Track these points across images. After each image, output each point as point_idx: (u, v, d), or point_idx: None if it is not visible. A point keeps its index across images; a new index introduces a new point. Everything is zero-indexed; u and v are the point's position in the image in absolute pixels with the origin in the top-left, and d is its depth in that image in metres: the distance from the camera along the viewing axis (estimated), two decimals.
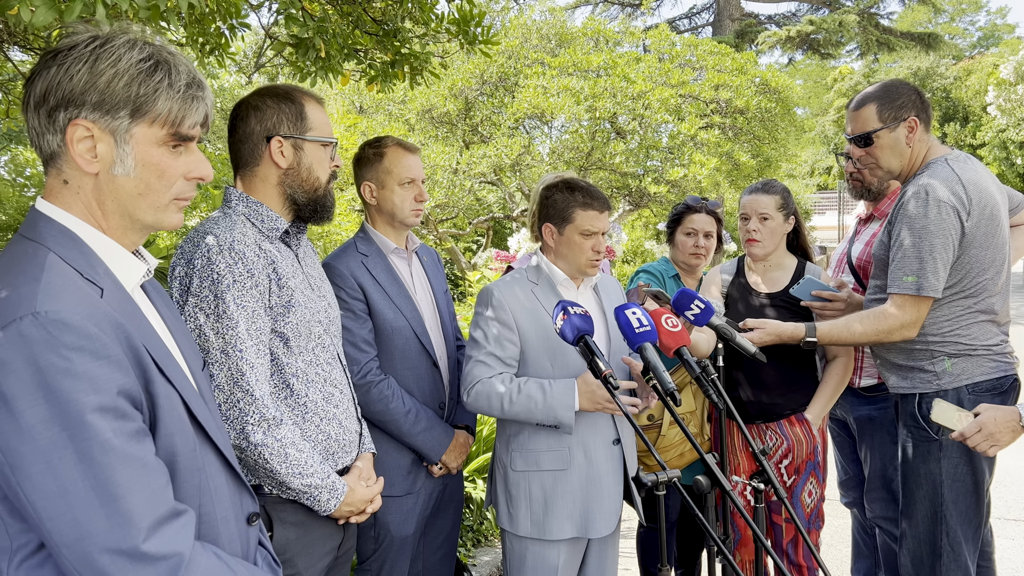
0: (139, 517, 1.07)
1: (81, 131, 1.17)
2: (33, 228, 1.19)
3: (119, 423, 1.08)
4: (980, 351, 2.43)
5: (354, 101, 13.93)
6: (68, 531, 1.04)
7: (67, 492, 1.04)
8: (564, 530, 2.36)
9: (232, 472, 1.37)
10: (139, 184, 1.22)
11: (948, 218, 2.35)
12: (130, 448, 1.08)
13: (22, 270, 1.12)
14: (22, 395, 1.02)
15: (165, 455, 1.17)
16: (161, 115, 1.21)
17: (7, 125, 3.98)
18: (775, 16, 25.93)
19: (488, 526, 4.44)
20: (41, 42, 3.09)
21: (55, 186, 1.22)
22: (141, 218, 1.25)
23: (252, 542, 1.42)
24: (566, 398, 2.27)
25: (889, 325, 2.45)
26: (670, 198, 12.09)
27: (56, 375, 1.03)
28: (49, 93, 1.16)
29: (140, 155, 1.21)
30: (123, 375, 1.10)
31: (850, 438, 3.21)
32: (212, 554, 1.19)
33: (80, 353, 1.06)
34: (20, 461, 1.03)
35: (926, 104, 2.56)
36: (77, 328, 1.06)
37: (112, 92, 1.17)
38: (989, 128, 29.01)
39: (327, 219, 2.06)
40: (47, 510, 1.04)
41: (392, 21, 3.19)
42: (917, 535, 2.51)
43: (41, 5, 1.51)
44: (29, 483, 1.03)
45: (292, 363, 1.90)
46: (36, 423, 1.03)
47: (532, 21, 14.76)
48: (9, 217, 3.86)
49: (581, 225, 2.38)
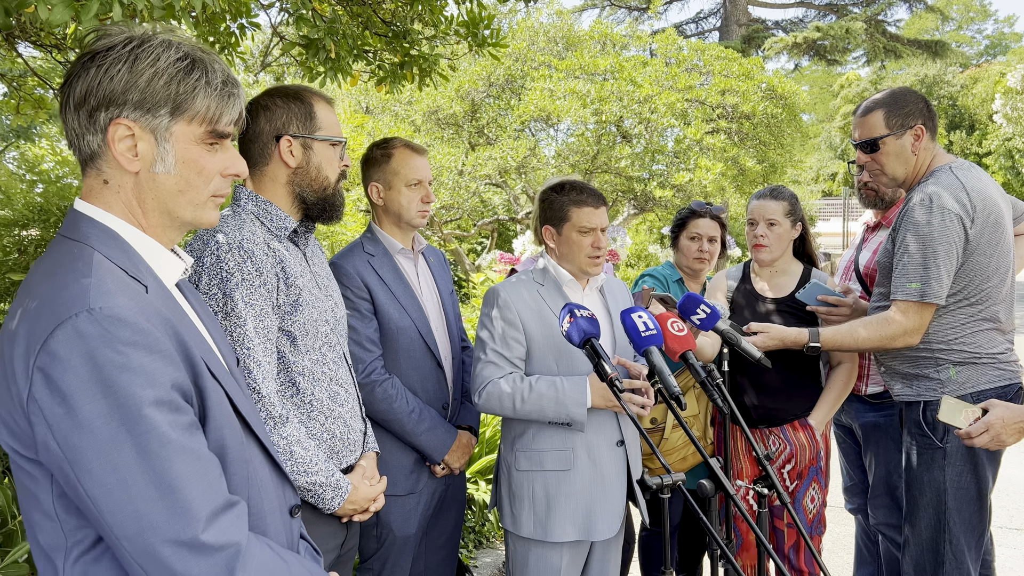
0: (197, 508, 1.08)
1: (123, 130, 1.18)
2: (75, 228, 1.20)
3: (174, 416, 1.09)
4: (985, 359, 2.43)
5: (360, 101, 13.95)
6: (129, 524, 1.05)
7: (127, 485, 1.05)
8: (567, 532, 2.36)
9: (274, 465, 1.39)
10: (179, 181, 1.24)
11: (952, 225, 2.35)
12: (186, 440, 1.10)
13: (72, 268, 1.13)
14: (80, 391, 1.03)
15: (215, 448, 1.19)
16: (200, 113, 1.22)
17: (16, 121, 3.99)
18: (782, 22, 25.96)
19: (490, 527, 4.44)
20: (53, 39, 3.11)
21: (95, 186, 1.23)
22: (181, 215, 1.27)
23: (295, 534, 1.44)
24: (578, 395, 2.27)
25: (892, 331, 2.45)
26: (675, 202, 12.08)
27: (113, 370, 1.05)
28: (90, 94, 1.17)
29: (180, 153, 1.23)
30: (175, 369, 1.12)
31: (855, 444, 3.21)
32: (266, 545, 1.20)
33: (135, 348, 1.07)
34: (80, 456, 1.04)
35: (933, 113, 2.57)
36: (131, 323, 1.08)
37: (153, 91, 1.18)
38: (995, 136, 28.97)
39: (336, 218, 2.07)
40: (107, 504, 1.05)
41: (401, 23, 3.20)
42: (920, 542, 2.51)
43: (58, 3, 1.52)
44: (89, 478, 1.04)
45: (299, 361, 1.91)
46: (95, 418, 1.04)
47: (539, 24, 14.79)
48: (17, 213, 3.86)
49: (577, 222, 2.40)
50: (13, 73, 4.06)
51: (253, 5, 3.05)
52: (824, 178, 39.38)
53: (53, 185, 4.06)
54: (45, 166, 4.29)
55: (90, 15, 1.52)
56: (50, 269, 1.15)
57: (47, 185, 4.08)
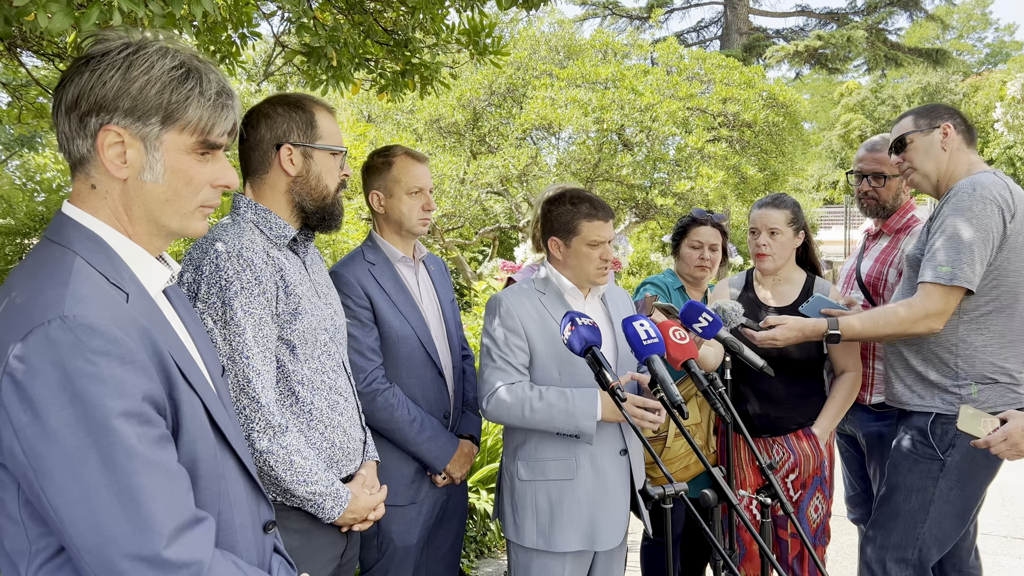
0: (161, 524, 1.06)
1: (112, 137, 1.18)
2: (59, 232, 1.19)
3: (144, 428, 1.08)
4: (1008, 382, 2.42)
5: (362, 110, 14.00)
6: (90, 536, 1.04)
7: (90, 497, 1.03)
8: (570, 542, 2.35)
9: (250, 479, 1.37)
10: (167, 191, 1.23)
11: (993, 215, 2.34)
12: (154, 454, 1.08)
13: (49, 273, 1.12)
14: (48, 399, 1.02)
15: (187, 461, 1.17)
16: (191, 123, 1.21)
17: (18, 130, 4.01)
18: (783, 30, 25.96)
19: (492, 537, 4.42)
20: (55, 48, 3.11)
21: (82, 190, 1.22)
22: (167, 224, 1.26)
23: (268, 550, 1.41)
24: (589, 407, 2.26)
25: (914, 314, 2.39)
26: (676, 210, 12.09)
27: (83, 379, 1.03)
28: (81, 98, 1.16)
29: (169, 162, 1.22)
30: (148, 380, 1.10)
31: (859, 454, 3.19)
32: (231, 563, 1.18)
33: (107, 358, 1.06)
34: (44, 465, 1.03)
35: (965, 119, 2.58)
36: (104, 333, 1.06)
37: (144, 99, 1.17)
38: (997, 144, 28.97)
39: (335, 227, 2.07)
40: (69, 514, 1.03)
41: (403, 31, 3.21)
42: (887, 544, 2.51)
43: (58, 11, 1.53)
44: (52, 487, 1.03)
45: (298, 370, 1.90)
46: (61, 427, 1.02)
47: (541, 33, 14.85)
48: (19, 222, 3.87)
49: (588, 236, 2.39)
50: (16, 82, 4.07)
51: (255, 14, 3.05)
52: (826, 186, 39.38)
53: (55, 194, 4.07)
54: (47, 175, 4.30)
55: (90, 23, 1.52)
56: (31, 271, 1.14)
57: (49, 194, 4.09)
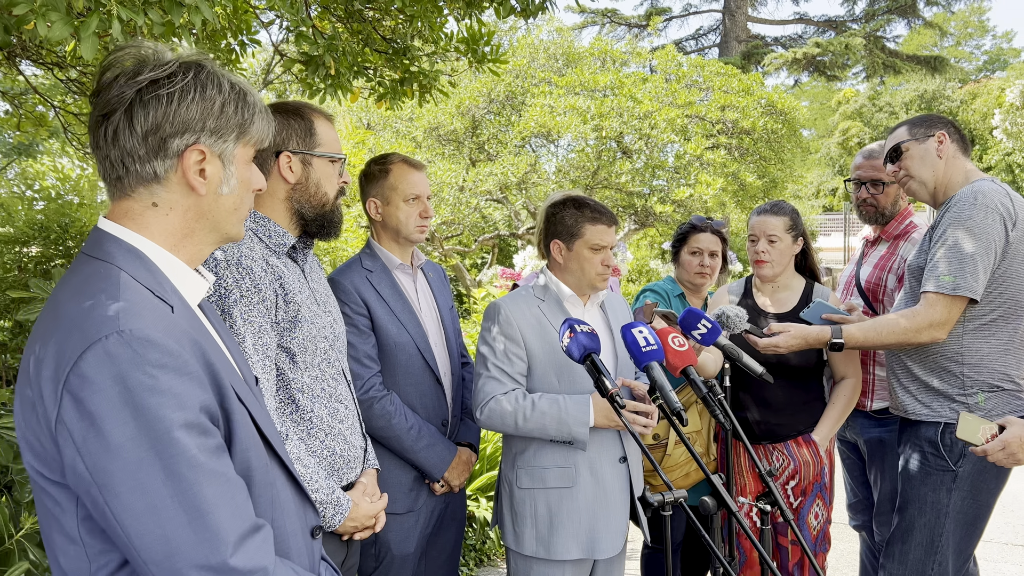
0: (226, 532, 1.07)
1: (196, 155, 1.21)
2: (99, 247, 1.20)
3: (203, 439, 1.09)
4: (1012, 387, 2.41)
5: (361, 118, 14.01)
6: (157, 548, 1.04)
7: (156, 509, 1.04)
8: (570, 551, 2.34)
9: (296, 486, 1.38)
10: (235, 200, 1.30)
11: (995, 223, 2.34)
12: (214, 464, 1.09)
13: (99, 288, 1.12)
14: (110, 414, 1.03)
15: (241, 470, 1.18)
16: (255, 136, 1.30)
17: (17, 138, 4.01)
18: (781, 38, 26.06)
19: (491, 545, 4.40)
20: (54, 57, 3.12)
21: (134, 208, 1.22)
22: (228, 231, 1.31)
23: (317, 555, 1.43)
24: (581, 414, 2.26)
25: (917, 323, 2.39)
26: (676, 218, 12.09)
27: (143, 393, 1.04)
28: (164, 122, 1.18)
29: (240, 174, 1.29)
30: (203, 391, 1.12)
31: (860, 460, 3.19)
32: (290, 569, 1.20)
33: (164, 370, 1.06)
34: (108, 480, 1.03)
35: (958, 129, 2.60)
36: (161, 345, 1.07)
37: (226, 117, 1.23)
38: (995, 151, 29.02)
39: (334, 235, 2.07)
40: (136, 527, 1.04)
41: (402, 39, 3.22)
42: (906, 560, 2.48)
43: (57, 20, 1.53)
44: (117, 501, 1.04)
45: (298, 378, 1.89)
46: (124, 441, 1.03)
47: (539, 41, 14.87)
48: (18, 230, 3.87)
49: (591, 240, 2.40)
50: (14, 91, 4.08)
51: (254, 23, 3.06)
52: (825, 193, 39.41)
53: (53, 202, 4.07)
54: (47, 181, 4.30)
55: (89, 32, 1.52)
56: (78, 288, 1.14)
57: (48, 202, 4.09)
